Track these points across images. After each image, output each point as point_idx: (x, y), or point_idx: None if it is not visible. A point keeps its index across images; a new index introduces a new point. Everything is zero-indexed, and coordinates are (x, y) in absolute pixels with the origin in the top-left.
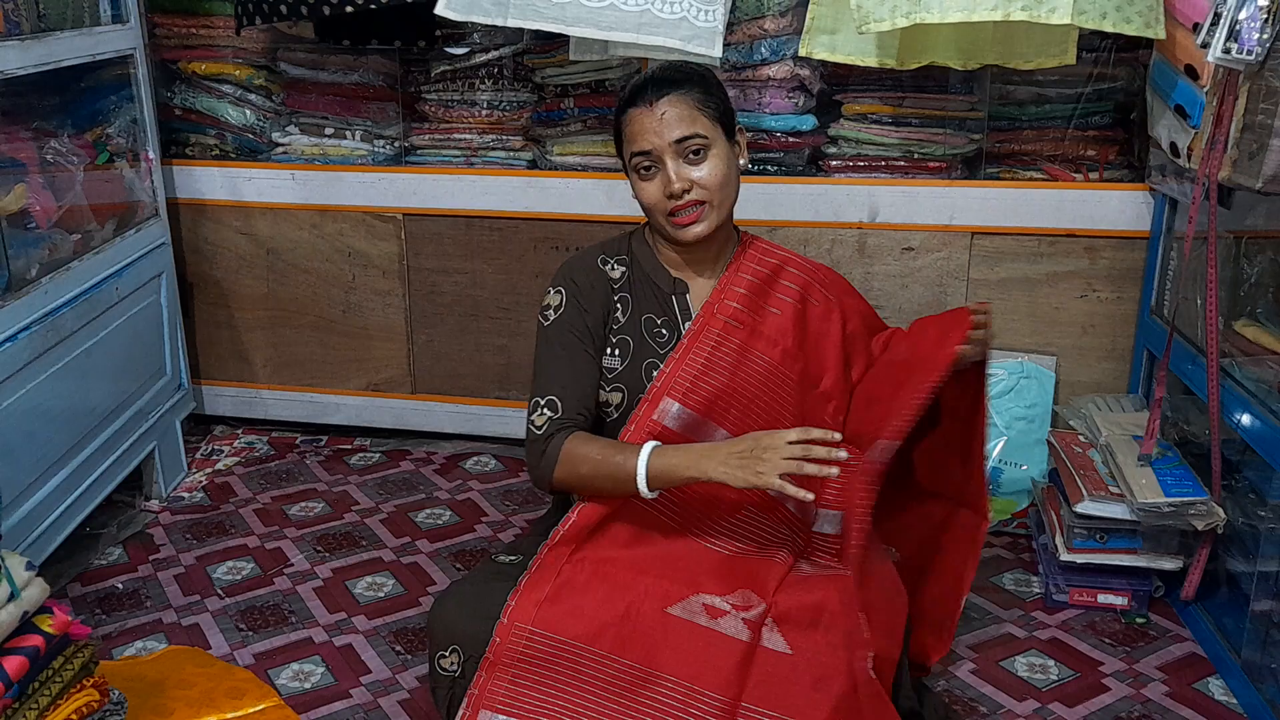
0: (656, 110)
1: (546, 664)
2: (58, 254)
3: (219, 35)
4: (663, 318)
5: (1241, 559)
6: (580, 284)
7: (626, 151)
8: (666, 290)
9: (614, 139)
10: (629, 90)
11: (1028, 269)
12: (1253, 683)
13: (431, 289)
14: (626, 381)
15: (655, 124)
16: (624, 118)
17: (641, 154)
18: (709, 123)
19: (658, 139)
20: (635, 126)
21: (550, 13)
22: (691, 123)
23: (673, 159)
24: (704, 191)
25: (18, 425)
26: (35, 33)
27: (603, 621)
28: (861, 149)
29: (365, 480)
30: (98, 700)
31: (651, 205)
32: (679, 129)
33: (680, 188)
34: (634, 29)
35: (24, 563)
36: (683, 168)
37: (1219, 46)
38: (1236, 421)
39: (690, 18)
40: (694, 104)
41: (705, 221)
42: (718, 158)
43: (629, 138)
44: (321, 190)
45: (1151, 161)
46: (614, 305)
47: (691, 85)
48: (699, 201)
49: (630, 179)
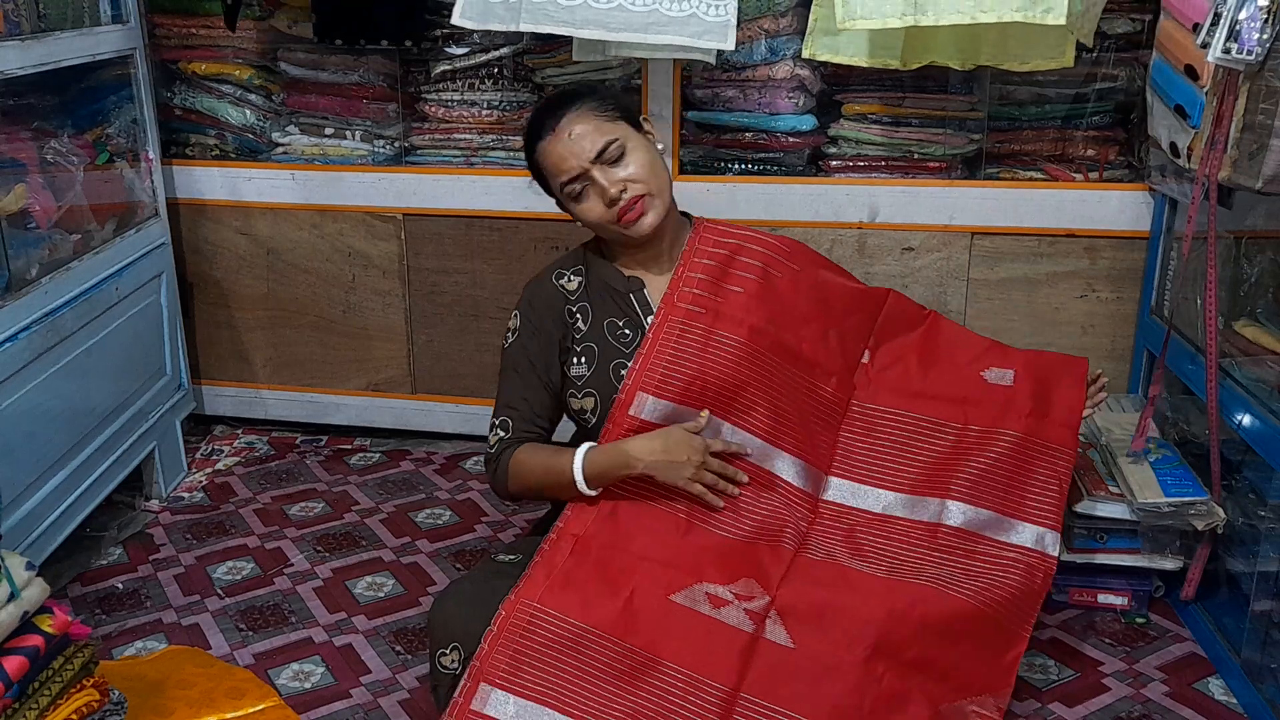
0: (562, 134)
1: (550, 644)
2: (58, 254)
3: (219, 35)
4: (624, 318)
5: (1241, 559)
6: (535, 306)
7: (555, 185)
8: (623, 290)
9: (535, 180)
10: (528, 130)
11: (1028, 269)
12: (1253, 683)
13: (431, 289)
14: (597, 386)
15: (569, 146)
16: (536, 155)
17: (570, 180)
18: (614, 125)
19: (577, 160)
20: (552, 158)
21: (560, 16)
22: (600, 132)
23: (599, 170)
24: (639, 185)
25: (18, 425)
26: (35, 33)
27: (607, 607)
28: (861, 149)
29: (365, 480)
30: (98, 700)
31: (598, 221)
32: (592, 142)
33: (616, 191)
34: (642, 29)
35: (24, 563)
36: (610, 173)
37: (1219, 46)
38: (1236, 421)
39: (700, 13)
40: (593, 113)
41: (652, 210)
42: (637, 150)
43: (551, 171)
44: (321, 190)
45: (1151, 161)
46: (573, 317)
47: (583, 99)
48: (638, 196)
49: (568, 208)
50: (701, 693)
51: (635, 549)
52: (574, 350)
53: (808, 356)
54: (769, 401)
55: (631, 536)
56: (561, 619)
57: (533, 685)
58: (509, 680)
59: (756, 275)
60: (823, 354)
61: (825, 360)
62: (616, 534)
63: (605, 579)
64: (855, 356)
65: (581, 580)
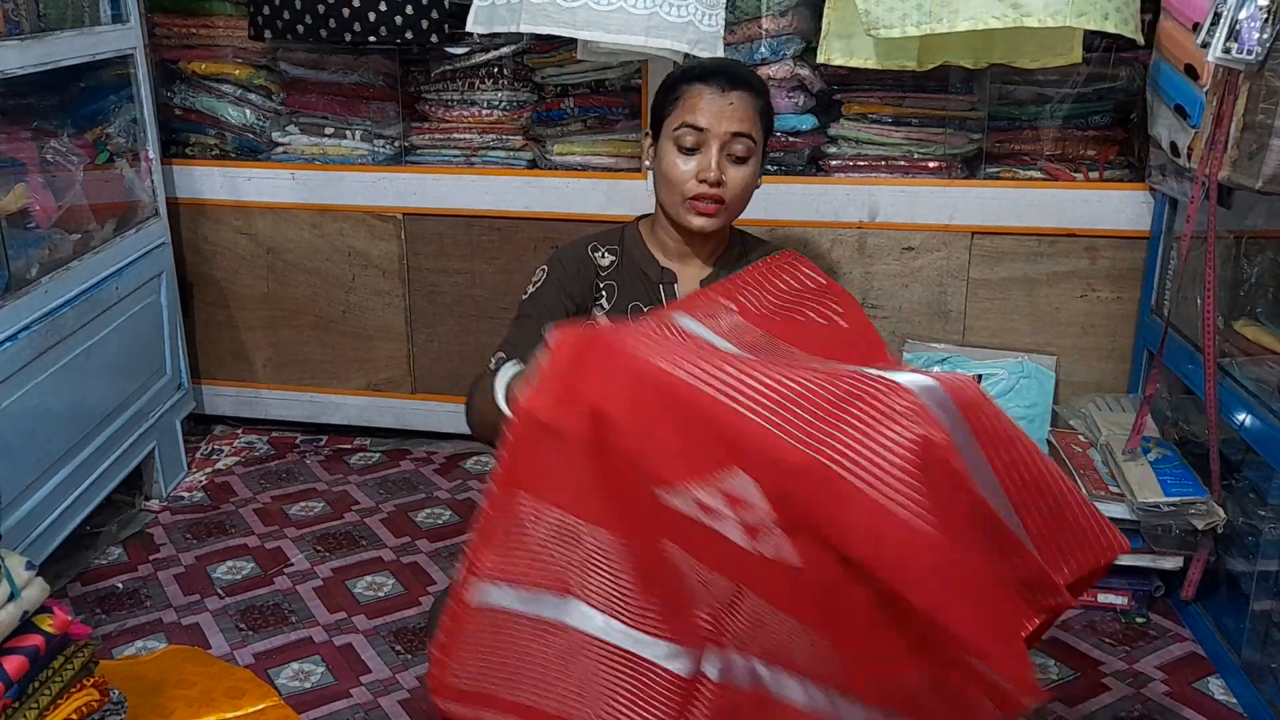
0: (727, 97)
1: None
2: (58, 254)
3: (219, 35)
4: (649, 305)
5: (1241, 559)
6: (566, 266)
7: (675, 119)
8: (655, 279)
9: (655, 106)
10: (699, 67)
11: (1028, 269)
12: (1253, 683)
13: (431, 289)
14: None
15: (722, 108)
16: (687, 88)
17: (693, 128)
18: (760, 133)
19: (718, 123)
20: (700, 101)
21: (561, 17)
22: (748, 124)
23: (719, 148)
24: (729, 193)
25: (18, 425)
26: (35, 32)
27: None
28: (861, 149)
29: (365, 480)
30: (98, 700)
31: (676, 180)
32: (740, 123)
33: (715, 176)
34: (642, 32)
35: (24, 563)
36: (724, 162)
37: (1219, 46)
38: (1236, 421)
39: (696, 22)
40: (758, 111)
41: (717, 219)
42: (752, 167)
43: (686, 107)
44: (321, 190)
45: (1151, 161)
46: (599, 292)
47: (760, 95)
48: (720, 201)
49: (660, 147)
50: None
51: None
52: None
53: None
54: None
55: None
56: (556, 512)
57: (526, 574)
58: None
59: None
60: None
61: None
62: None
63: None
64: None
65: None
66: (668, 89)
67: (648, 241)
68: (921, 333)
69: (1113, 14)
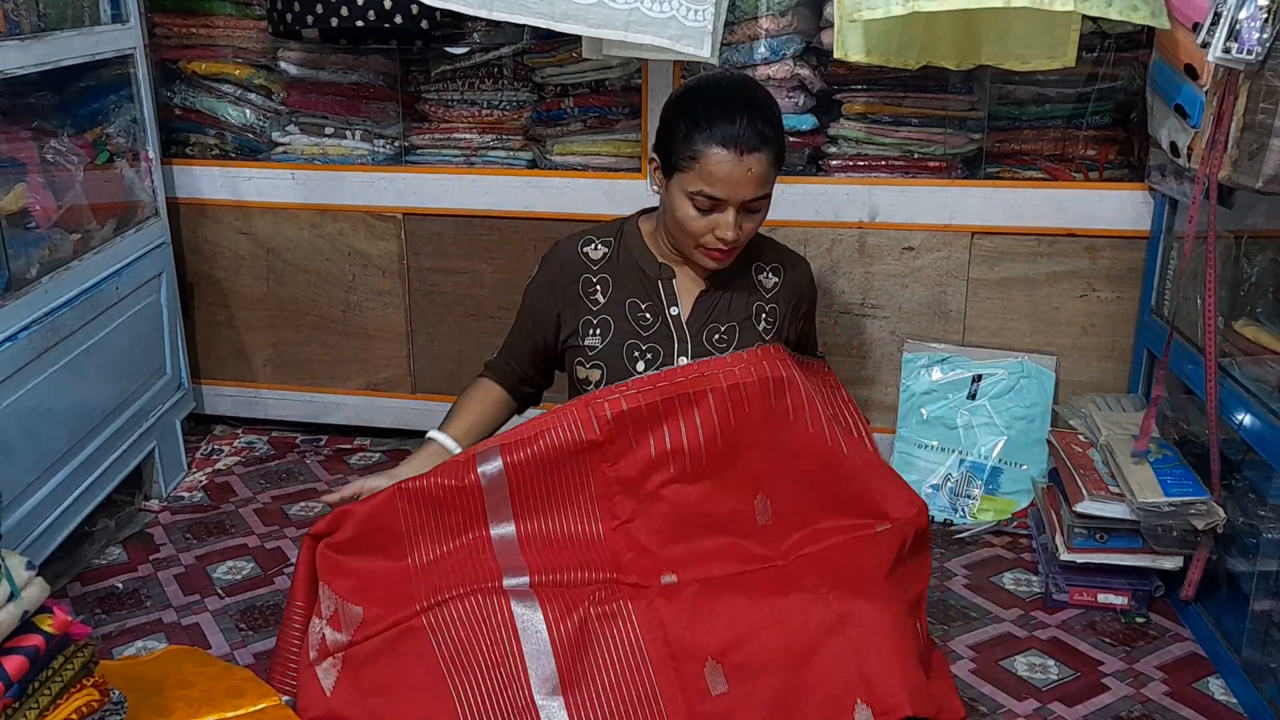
0: (745, 163)
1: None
2: (58, 254)
3: (219, 35)
4: (647, 302)
5: (1241, 559)
6: (553, 264)
7: (690, 181)
8: (653, 275)
9: (665, 146)
10: (718, 128)
11: (1028, 269)
12: (1253, 683)
13: (431, 289)
14: (606, 360)
15: (741, 177)
16: (705, 151)
17: (712, 198)
18: (773, 180)
19: (736, 192)
20: (717, 169)
21: (537, 7)
22: (766, 183)
23: (736, 211)
24: (744, 237)
25: (18, 425)
26: (35, 32)
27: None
28: (861, 149)
29: None
30: (98, 700)
31: (691, 231)
32: (755, 189)
33: (734, 237)
34: (623, 27)
35: (24, 563)
36: (742, 218)
37: (1219, 46)
38: (1236, 421)
39: (679, 17)
40: (772, 163)
41: (729, 259)
42: (765, 210)
43: (704, 174)
44: (321, 190)
45: (1151, 161)
46: (591, 287)
47: (776, 143)
48: (734, 249)
49: (670, 192)
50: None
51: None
52: (590, 321)
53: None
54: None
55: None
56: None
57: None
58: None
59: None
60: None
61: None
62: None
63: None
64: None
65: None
66: (683, 138)
67: (647, 240)
68: (921, 333)
69: (1117, 0)
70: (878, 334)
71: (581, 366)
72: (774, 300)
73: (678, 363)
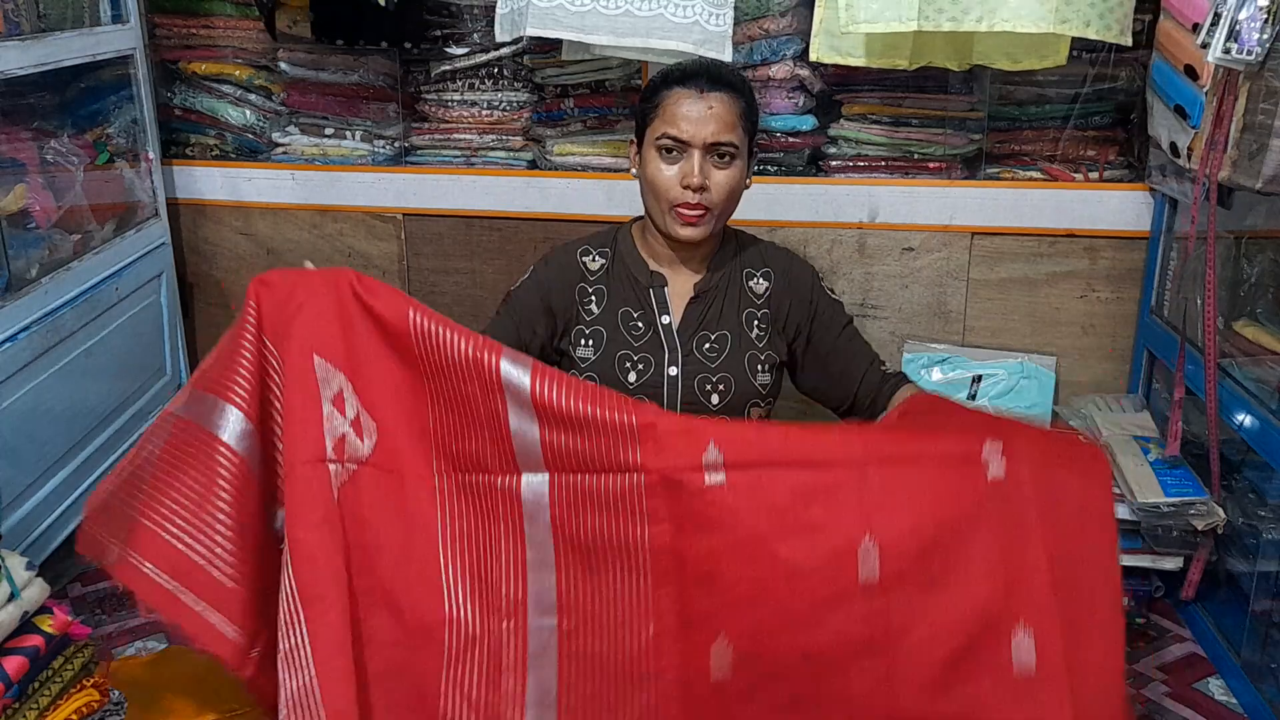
0: (706, 100)
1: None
2: (58, 254)
3: (219, 35)
4: (639, 311)
5: (1241, 559)
6: (550, 269)
7: (656, 128)
8: (644, 283)
9: (639, 113)
10: (679, 69)
11: (1028, 269)
12: (1253, 683)
13: (431, 289)
14: (599, 371)
15: (702, 114)
16: (666, 94)
17: (676, 139)
18: (742, 135)
19: (698, 130)
20: (679, 108)
21: (570, 21)
22: (731, 129)
23: (701, 155)
24: (713, 199)
25: (18, 425)
26: (35, 33)
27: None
28: (861, 149)
29: None
30: (98, 700)
31: (663, 188)
32: (720, 131)
33: (699, 182)
34: (646, 34)
35: (24, 563)
36: (708, 167)
37: (1219, 46)
38: (1236, 421)
39: (702, 22)
40: (739, 112)
41: (704, 227)
42: (737, 170)
43: (666, 116)
44: (321, 190)
45: (1151, 161)
46: (586, 296)
47: (741, 94)
48: (705, 208)
49: (643, 155)
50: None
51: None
52: (583, 331)
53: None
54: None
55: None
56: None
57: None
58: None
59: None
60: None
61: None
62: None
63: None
64: None
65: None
66: (648, 95)
67: (639, 245)
68: (921, 333)
69: (1095, 20)
70: (878, 334)
71: (574, 376)
72: (765, 306)
73: (667, 374)
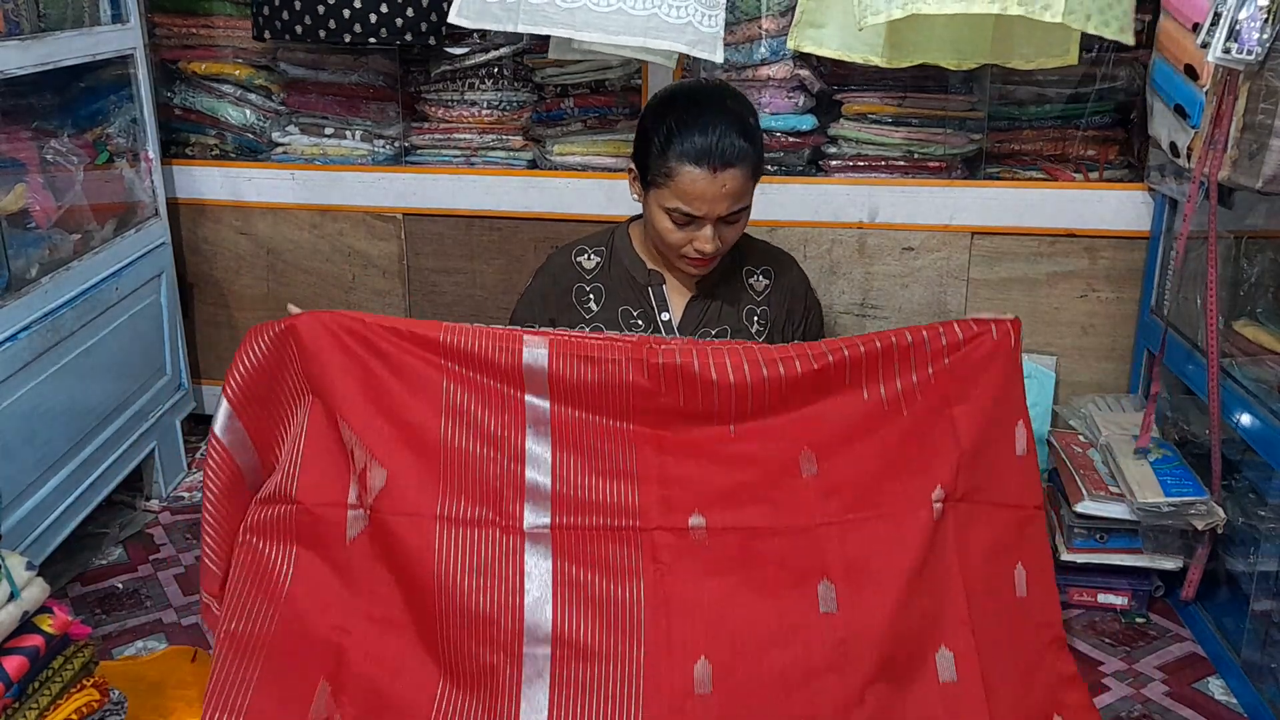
0: (719, 180)
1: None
2: (58, 254)
3: (219, 35)
4: (638, 309)
5: (1241, 559)
6: (547, 275)
7: (666, 196)
8: (642, 282)
9: (640, 154)
10: (692, 146)
11: (1028, 269)
12: (1253, 683)
13: (431, 289)
14: None
15: (715, 194)
16: (679, 168)
17: (688, 214)
18: (751, 190)
19: (712, 208)
20: (691, 187)
21: (560, 18)
22: (743, 197)
23: (714, 224)
24: (723, 249)
25: (18, 425)
26: (35, 32)
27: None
28: (861, 149)
29: None
30: (98, 700)
31: (670, 244)
32: (731, 204)
33: (713, 250)
34: (641, 33)
35: (24, 563)
36: (721, 230)
37: (1219, 46)
38: (1236, 421)
39: (695, 23)
40: (749, 174)
41: (710, 267)
42: (747, 215)
43: (678, 191)
44: (321, 190)
45: (1151, 161)
46: (584, 296)
47: (751, 155)
48: (715, 257)
49: (650, 207)
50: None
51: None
52: (584, 329)
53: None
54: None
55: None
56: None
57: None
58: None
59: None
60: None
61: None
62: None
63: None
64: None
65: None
66: (658, 154)
67: (637, 245)
68: None
69: (1095, 15)
70: None
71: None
72: (765, 303)
73: None
